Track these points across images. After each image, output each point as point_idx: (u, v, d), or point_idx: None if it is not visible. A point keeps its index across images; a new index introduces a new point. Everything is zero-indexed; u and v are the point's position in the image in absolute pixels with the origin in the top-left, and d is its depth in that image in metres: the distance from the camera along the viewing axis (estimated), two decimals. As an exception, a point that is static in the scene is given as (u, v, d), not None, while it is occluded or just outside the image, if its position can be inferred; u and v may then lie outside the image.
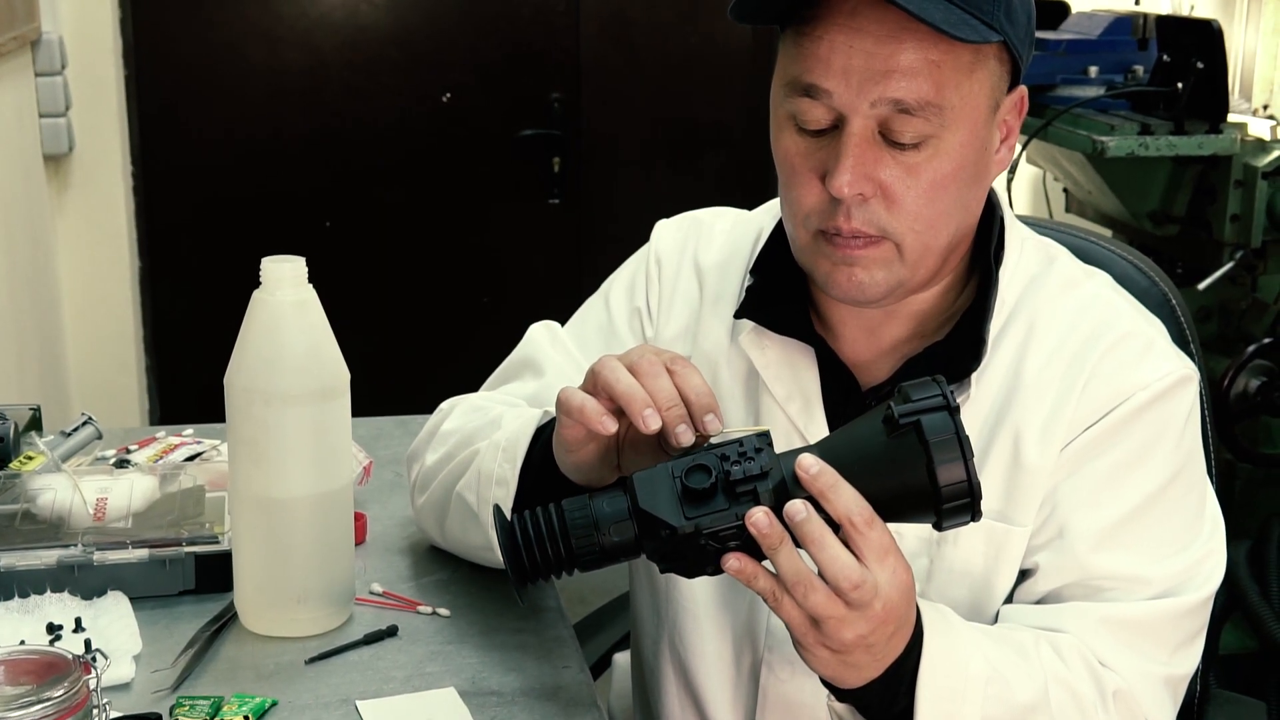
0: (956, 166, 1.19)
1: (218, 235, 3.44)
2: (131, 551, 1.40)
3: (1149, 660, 1.22)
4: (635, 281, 1.47)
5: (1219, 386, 2.71)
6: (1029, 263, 1.31)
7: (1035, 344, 1.26)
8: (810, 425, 1.31)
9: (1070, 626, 1.21)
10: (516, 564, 1.11)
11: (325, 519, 1.32)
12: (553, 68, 3.51)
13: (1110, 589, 1.22)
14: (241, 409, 1.29)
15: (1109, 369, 1.24)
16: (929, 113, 1.16)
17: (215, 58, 3.37)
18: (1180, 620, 1.24)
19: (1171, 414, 1.25)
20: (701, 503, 1.06)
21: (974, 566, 1.26)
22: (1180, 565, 1.24)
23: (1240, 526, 2.80)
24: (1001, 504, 1.25)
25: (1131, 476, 1.24)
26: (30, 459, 1.58)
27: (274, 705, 1.22)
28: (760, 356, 1.33)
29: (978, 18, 1.15)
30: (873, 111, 1.16)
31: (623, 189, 3.60)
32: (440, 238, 3.54)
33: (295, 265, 1.28)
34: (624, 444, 1.22)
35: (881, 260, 1.22)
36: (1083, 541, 1.23)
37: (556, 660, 1.31)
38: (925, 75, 1.15)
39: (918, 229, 1.20)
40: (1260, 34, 3.33)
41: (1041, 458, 1.24)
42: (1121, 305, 1.30)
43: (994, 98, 1.21)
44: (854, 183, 1.17)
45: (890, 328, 1.30)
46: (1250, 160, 2.77)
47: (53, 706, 1.00)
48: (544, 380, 1.44)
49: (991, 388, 1.26)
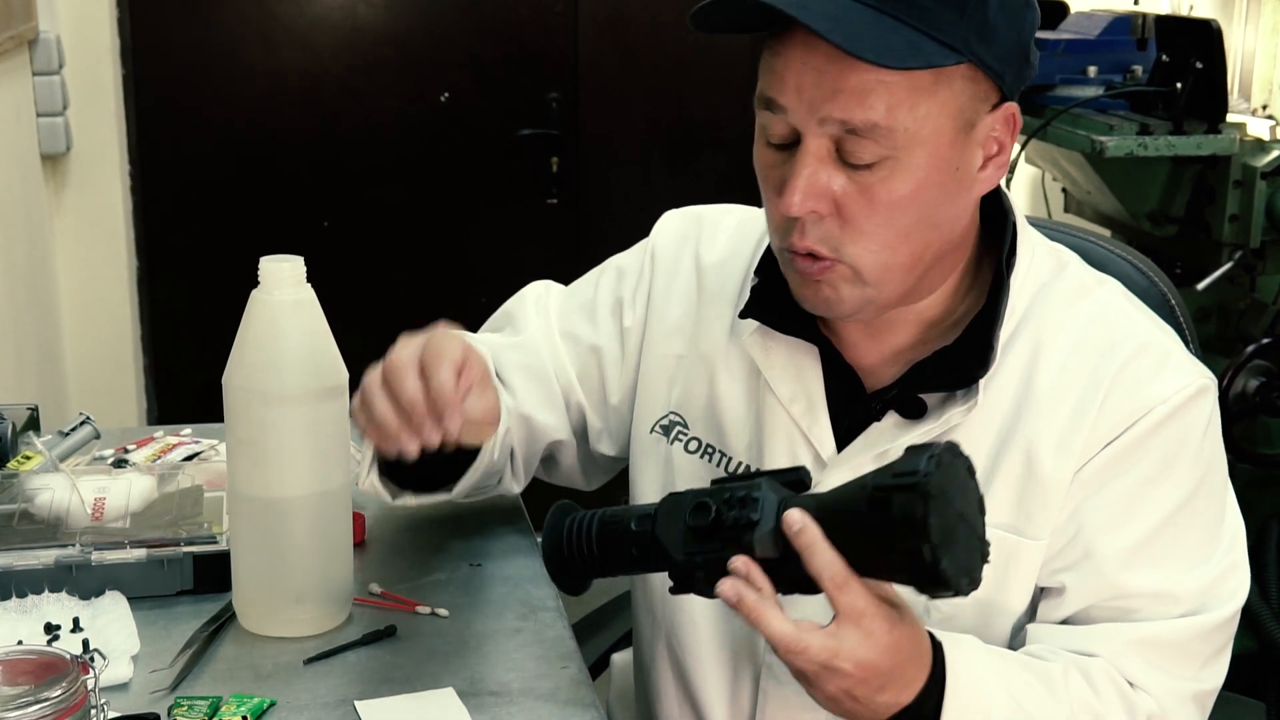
0: (916, 188, 1.17)
1: (216, 234, 3.44)
2: (129, 551, 1.40)
3: (1178, 678, 1.22)
4: (627, 271, 1.48)
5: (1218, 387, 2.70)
6: (1040, 269, 1.29)
7: (1046, 353, 1.25)
8: (814, 427, 1.31)
9: (1101, 649, 1.20)
10: (558, 562, 1.20)
11: (324, 519, 1.32)
12: (551, 68, 3.51)
13: (1139, 608, 1.22)
14: (240, 409, 1.29)
15: (1127, 383, 1.23)
16: (877, 135, 1.14)
17: (213, 57, 3.36)
18: (1209, 636, 1.23)
19: (1191, 425, 1.24)
20: (701, 539, 1.12)
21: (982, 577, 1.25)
22: (1205, 578, 1.23)
23: (1239, 527, 2.80)
24: (1012, 515, 1.23)
25: (1155, 492, 1.23)
26: (28, 459, 1.58)
27: (272, 705, 1.22)
28: (764, 357, 1.33)
29: (938, 40, 1.13)
30: (823, 130, 1.16)
31: (621, 189, 3.60)
32: (438, 238, 3.53)
33: (294, 265, 1.28)
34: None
35: (842, 280, 1.21)
36: (1110, 561, 1.22)
37: (556, 660, 1.31)
38: (876, 96, 1.13)
39: (873, 249, 1.19)
40: (1259, 34, 3.33)
41: (1057, 471, 1.22)
42: (1135, 315, 1.28)
43: (964, 117, 1.18)
44: (803, 201, 1.17)
45: (895, 332, 1.29)
46: (1249, 160, 2.77)
47: (50, 707, 1.00)
48: (518, 340, 1.51)
49: (1002, 396, 1.25)
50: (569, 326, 1.49)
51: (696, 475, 1.37)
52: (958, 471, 1.06)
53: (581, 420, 1.50)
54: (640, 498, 1.43)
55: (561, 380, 1.48)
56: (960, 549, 1.03)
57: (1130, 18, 3.12)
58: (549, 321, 1.50)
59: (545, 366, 1.48)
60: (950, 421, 1.24)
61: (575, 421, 1.50)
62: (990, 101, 1.20)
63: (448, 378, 1.18)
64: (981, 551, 1.06)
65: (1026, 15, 1.20)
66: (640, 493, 1.43)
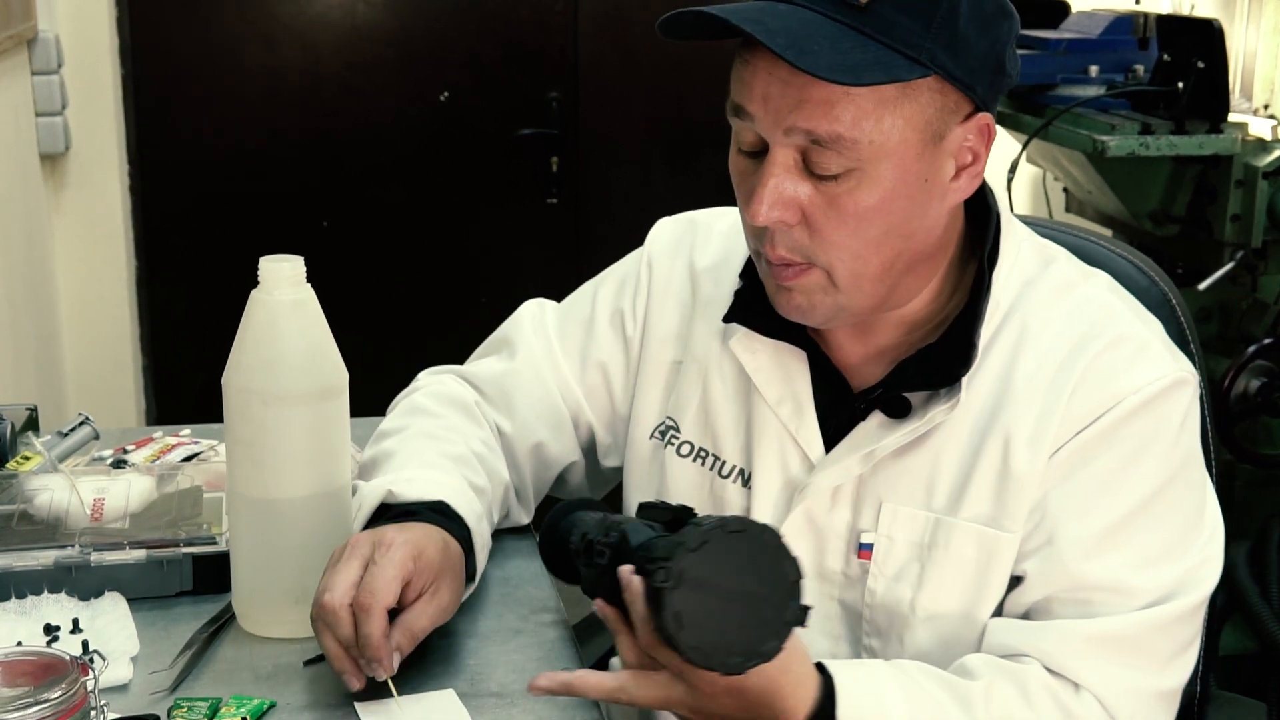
0: (883, 199, 1.17)
1: (215, 234, 3.43)
2: (129, 552, 1.39)
3: (1139, 674, 1.20)
4: (625, 281, 1.48)
5: (1219, 387, 2.70)
6: (1026, 265, 1.29)
7: (1027, 348, 1.25)
8: (802, 429, 1.31)
9: (1052, 646, 1.19)
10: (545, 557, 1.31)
11: (324, 519, 1.32)
12: (550, 67, 3.50)
13: (1097, 600, 1.20)
14: (239, 409, 1.29)
15: (1099, 373, 1.22)
16: (842, 147, 1.14)
17: (212, 56, 3.36)
18: (1171, 629, 1.21)
19: (1164, 418, 1.23)
20: (582, 560, 1.19)
21: (965, 572, 1.25)
22: (1174, 574, 1.21)
23: (1240, 527, 2.80)
24: (992, 509, 1.23)
25: (1122, 483, 1.22)
26: (27, 459, 1.58)
27: (272, 707, 1.22)
28: (751, 360, 1.33)
29: (903, 53, 1.13)
30: (789, 140, 1.16)
31: (621, 188, 3.59)
32: (438, 237, 3.53)
33: (293, 265, 1.28)
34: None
35: (816, 286, 1.21)
36: (1070, 549, 1.21)
37: (556, 661, 1.30)
38: (841, 109, 1.13)
39: (843, 259, 1.19)
40: (1261, 33, 3.32)
41: (1030, 464, 1.22)
42: (1117, 307, 1.28)
43: (933, 129, 1.17)
44: (769, 211, 1.17)
45: (880, 333, 1.30)
46: (1251, 160, 2.76)
47: (50, 708, 0.99)
48: (513, 364, 1.50)
49: (983, 392, 1.25)
50: (571, 345, 1.48)
51: (689, 480, 1.38)
52: (734, 550, 1.05)
53: (590, 439, 1.50)
54: (633, 503, 1.42)
55: (569, 402, 1.48)
56: (727, 629, 1.04)
57: (1132, 17, 3.12)
58: (549, 342, 1.49)
59: (551, 391, 1.48)
60: (934, 420, 1.25)
61: (584, 441, 1.50)
62: (961, 113, 1.19)
63: (374, 629, 1.16)
64: (774, 627, 1.06)
65: (1002, 25, 1.19)
66: (634, 498, 1.43)
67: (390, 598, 1.18)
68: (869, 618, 1.29)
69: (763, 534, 1.06)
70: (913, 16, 1.13)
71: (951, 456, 1.25)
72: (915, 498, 1.26)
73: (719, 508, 1.36)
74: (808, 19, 1.14)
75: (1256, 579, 2.63)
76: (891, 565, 1.27)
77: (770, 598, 1.06)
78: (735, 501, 1.35)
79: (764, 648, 1.06)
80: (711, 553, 1.04)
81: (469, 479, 1.37)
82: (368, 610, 1.17)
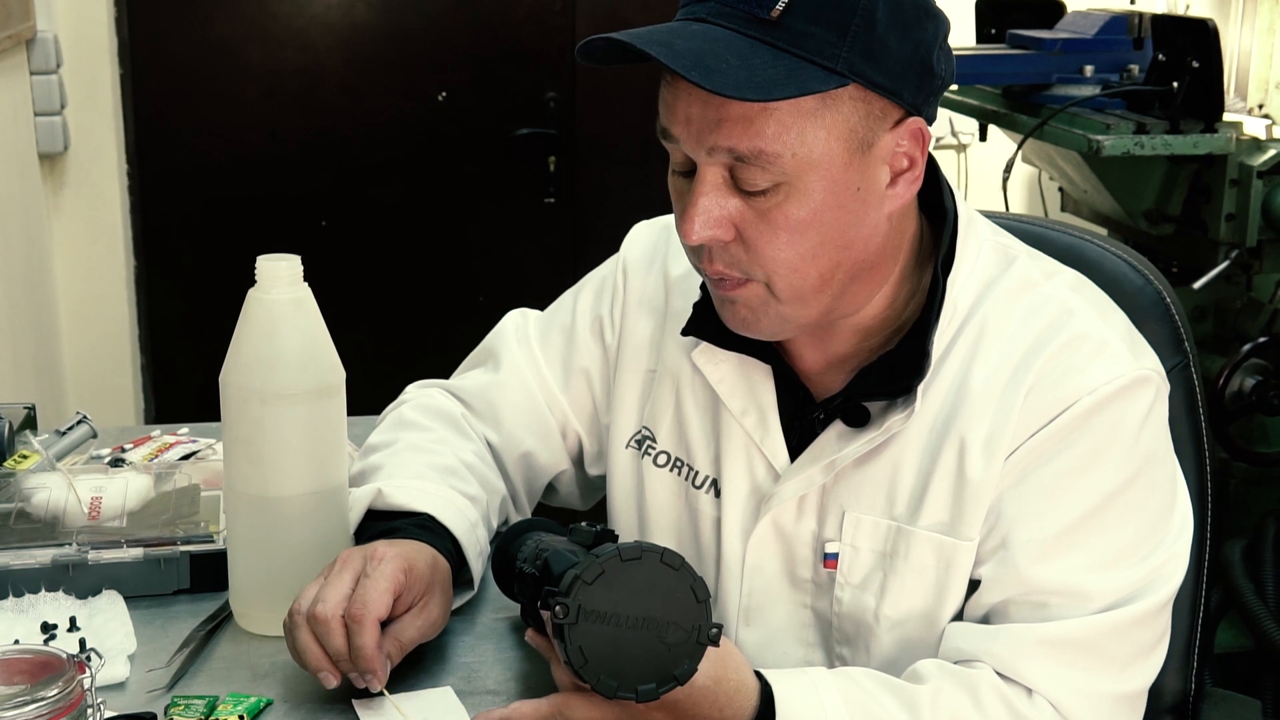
0: (814, 211, 1.16)
1: (213, 234, 3.43)
2: (126, 550, 1.40)
3: (1095, 677, 1.18)
4: (603, 287, 1.48)
5: (1214, 385, 2.71)
6: (987, 266, 1.27)
7: (984, 351, 1.23)
8: (766, 439, 1.31)
9: (1005, 650, 1.18)
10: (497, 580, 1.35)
11: (321, 518, 1.32)
12: (548, 67, 3.51)
13: (1053, 603, 1.18)
14: (237, 408, 1.29)
15: (1054, 373, 1.20)
16: (766, 162, 1.13)
17: (211, 56, 3.36)
18: (1130, 632, 1.19)
19: (1122, 418, 1.20)
20: (515, 588, 1.24)
21: (926, 580, 1.24)
22: (1133, 577, 1.19)
23: (1235, 525, 2.81)
24: (949, 517, 1.22)
25: (1077, 485, 1.19)
26: (25, 458, 1.58)
27: (269, 705, 1.22)
28: (715, 372, 1.33)
29: (816, 64, 1.11)
30: (714, 159, 1.15)
31: (618, 188, 3.59)
32: (436, 237, 3.53)
33: (291, 264, 1.28)
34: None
35: (757, 299, 1.20)
36: (1023, 553, 1.19)
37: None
38: (760, 124, 1.12)
39: (781, 272, 1.18)
40: (1256, 33, 3.33)
41: (986, 469, 1.20)
42: (1077, 306, 1.24)
43: (858, 138, 1.15)
44: (701, 230, 1.17)
45: (836, 340, 1.28)
46: (1245, 159, 2.76)
47: (47, 706, 1.00)
48: (498, 376, 1.49)
49: (938, 398, 1.23)
50: (554, 354, 1.48)
51: (666, 489, 1.38)
52: (633, 577, 1.05)
53: (578, 447, 1.50)
54: (616, 512, 1.43)
55: (555, 411, 1.48)
56: (635, 656, 1.05)
57: (1126, 17, 3.12)
58: (532, 352, 1.49)
59: (537, 401, 1.48)
60: (891, 429, 1.24)
61: (572, 450, 1.50)
62: (890, 119, 1.17)
63: (367, 640, 1.17)
64: (686, 649, 1.06)
65: (926, 27, 1.17)
66: (616, 508, 1.43)
67: (382, 610, 1.19)
68: (838, 625, 1.29)
69: (663, 557, 1.06)
70: (826, 27, 1.11)
71: (910, 464, 1.24)
72: (877, 506, 1.25)
73: (694, 518, 1.36)
74: (718, 37, 1.13)
75: (1251, 577, 2.63)
76: (856, 574, 1.27)
77: (677, 621, 1.06)
78: (708, 512, 1.35)
79: (676, 671, 1.06)
80: (609, 583, 1.05)
81: (459, 489, 1.37)
82: (360, 622, 1.17)
